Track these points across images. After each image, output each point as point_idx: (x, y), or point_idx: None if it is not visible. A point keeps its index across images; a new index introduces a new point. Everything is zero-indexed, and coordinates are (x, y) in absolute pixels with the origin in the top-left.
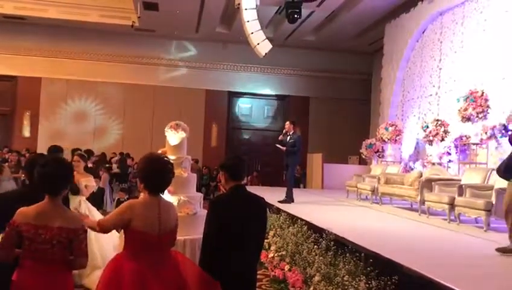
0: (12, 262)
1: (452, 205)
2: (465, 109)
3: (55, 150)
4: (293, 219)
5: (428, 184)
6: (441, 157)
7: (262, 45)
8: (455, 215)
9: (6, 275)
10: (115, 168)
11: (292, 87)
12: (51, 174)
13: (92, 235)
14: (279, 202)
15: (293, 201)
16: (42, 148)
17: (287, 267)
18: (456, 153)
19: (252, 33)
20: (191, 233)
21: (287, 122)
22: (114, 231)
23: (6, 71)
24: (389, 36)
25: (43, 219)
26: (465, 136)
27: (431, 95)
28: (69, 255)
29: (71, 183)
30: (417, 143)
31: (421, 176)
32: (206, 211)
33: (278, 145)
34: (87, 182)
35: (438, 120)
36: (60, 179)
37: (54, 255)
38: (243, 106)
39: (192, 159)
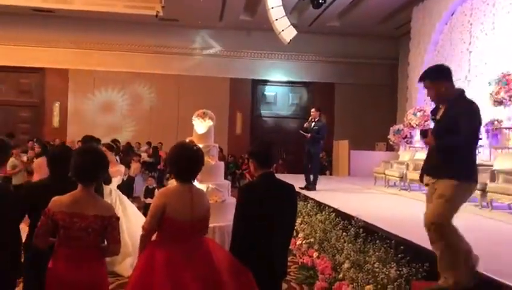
0: (48, 250)
1: (484, 190)
2: (497, 93)
3: (90, 140)
4: (321, 206)
5: None
6: None
7: (287, 32)
8: (487, 201)
9: (43, 262)
10: (145, 157)
11: (317, 73)
12: (87, 164)
13: (122, 223)
14: (300, 188)
15: (315, 189)
16: (71, 138)
17: (315, 254)
18: (488, 138)
19: (276, 20)
20: (220, 220)
21: (313, 109)
22: (143, 219)
23: (34, 63)
24: (416, 19)
25: (77, 207)
26: (497, 120)
27: (460, 79)
28: (102, 242)
29: (105, 173)
30: None
31: None
32: (234, 199)
33: (302, 132)
34: (116, 167)
35: None
36: (95, 168)
37: (88, 242)
38: (267, 93)
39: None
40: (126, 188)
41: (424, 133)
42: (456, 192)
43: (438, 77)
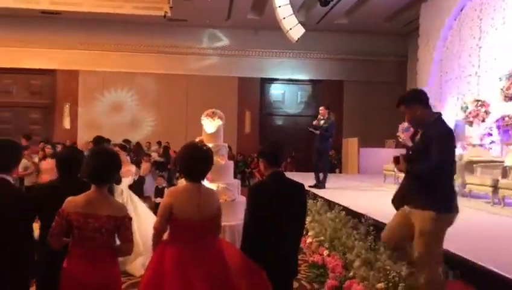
0: (63, 250)
1: (496, 187)
2: (508, 88)
3: (100, 140)
4: (330, 204)
5: (469, 166)
6: (482, 139)
7: (295, 30)
8: (499, 198)
9: (58, 262)
10: (155, 156)
11: (325, 71)
12: (101, 165)
13: (134, 223)
14: (309, 187)
15: (324, 187)
16: (82, 139)
17: (325, 252)
18: (499, 133)
19: (284, 18)
20: (230, 219)
21: (322, 107)
22: (154, 218)
23: (45, 65)
24: (425, 16)
25: (91, 208)
26: (508, 116)
27: (470, 75)
28: (114, 242)
29: (118, 174)
30: (456, 125)
31: (461, 158)
32: (244, 198)
33: (311, 129)
34: (127, 168)
35: (478, 100)
36: (109, 169)
37: (102, 242)
38: (275, 92)
39: None
40: (137, 188)
41: (396, 159)
42: (435, 225)
43: (413, 102)
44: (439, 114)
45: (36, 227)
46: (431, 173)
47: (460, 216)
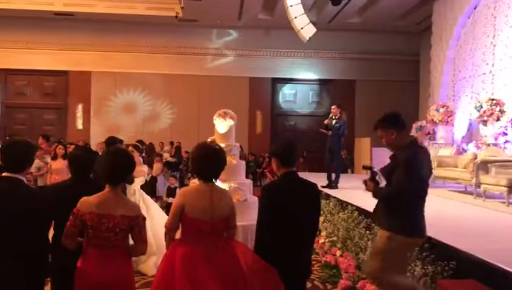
0: (77, 250)
1: (511, 187)
2: None
3: (114, 141)
4: (343, 204)
5: (484, 166)
6: (496, 138)
7: (306, 29)
8: None
9: (72, 262)
10: (167, 157)
11: (337, 70)
12: (117, 166)
13: (146, 223)
14: (322, 187)
15: (337, 187)
16: (95, 140)
17: (338, 252)
18: None
19: (296, 17)
20: (242, 219)
21: (334, 106)
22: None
23: (58, 66)
24: (437, 14)
25: (105, 208)
26: None
27: (484, 73)
28: (128, 242)
29: (132, 174)
30: (470, 124)
31: (475, 157)
32: (256, 198)
33: (321, 130)
34: (139, 167)
35: (492, 99)
36: (124, 169)
37: (116, 242)
38: (287, 92)
39: None
40: (149, 188)
41: (365, 181)
42: (389, 245)
43: (388, 126)
44: (414, 138)
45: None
46: (391, 196)
47: (475, 216)
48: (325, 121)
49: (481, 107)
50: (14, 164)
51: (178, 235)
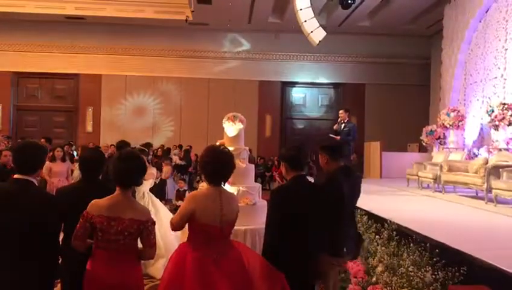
0: (86, 252)
1: None
2: None
3: (125, 144)
4: None
5: (495, 171)
6: (508, 143)
7: (316, 33)
8: None
9: (81, 264)
10: (176, 160)
11: (347, 74)
12: (129, 168)
13: (155, 226)
14: None
15: None
16: (105, 143)
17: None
18: None
19: (305, 21)
20: (251, 223)
21: (341, 111)
22: None
23: (68, 70)
24: (448, 17)
25: (115, 211)
26: None
27: (496, 77)
28: (137, 245)
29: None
30: (481, 128)
31: (487, 162)
32: (265, 201)
33: (331, 135)
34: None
35: (504, 104)
36: (136, 172)
37: (125, 245)
38: (296, 95)
39: None
40: (159, 191)
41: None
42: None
43: (321, 152)
44: (336, 168)
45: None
46: None
47: (486, 221)
48: (334, 127)
49: (492, 111)
50: (25, 166)
51: (184, 237)
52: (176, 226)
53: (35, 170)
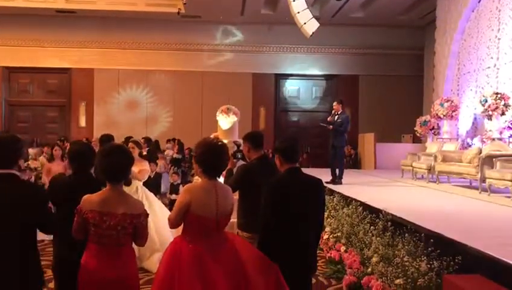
0: (80, 246)
1: None
2: None
3: (108, 139)
4: (347, 199)
5: (489, 161)
6: (501, 132)
7: (309, 24)
8: None
9: (76, 258)
10: (169, 153)
11: (340, 66)
12: (116, 163)
13: (149, 220)
14: (326, 182)
15: (341, 183)
16: (98, 137)
17: (343, 248)
18: None
19: (298, 12)
20: None
21: (335, 103)
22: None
23: (60, 64)
24: (441, 8)
25: (107, 206)
26: None
27: (489, 67)
28: (131, 239)
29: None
30: (475, 118)
31: (480, 152)
32: None
33: (322, 124)
34: (141, 167)
35: (497, 93)
36: (124, 167)
37: (118, 240)
38: (290, 87)
39: None
40: (153, 185)
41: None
42: None
43: (244, 140)
44: (257, 157)
45: None
46: None
47: (480, 211)
48: (328, 118)
49: (486, 101)
50: (2, 160)
51: (178, 231)
52: (173, 222)
53: (15, 162)
